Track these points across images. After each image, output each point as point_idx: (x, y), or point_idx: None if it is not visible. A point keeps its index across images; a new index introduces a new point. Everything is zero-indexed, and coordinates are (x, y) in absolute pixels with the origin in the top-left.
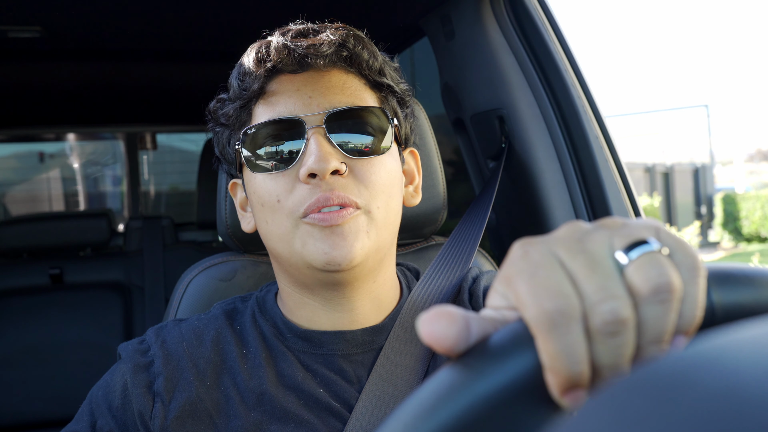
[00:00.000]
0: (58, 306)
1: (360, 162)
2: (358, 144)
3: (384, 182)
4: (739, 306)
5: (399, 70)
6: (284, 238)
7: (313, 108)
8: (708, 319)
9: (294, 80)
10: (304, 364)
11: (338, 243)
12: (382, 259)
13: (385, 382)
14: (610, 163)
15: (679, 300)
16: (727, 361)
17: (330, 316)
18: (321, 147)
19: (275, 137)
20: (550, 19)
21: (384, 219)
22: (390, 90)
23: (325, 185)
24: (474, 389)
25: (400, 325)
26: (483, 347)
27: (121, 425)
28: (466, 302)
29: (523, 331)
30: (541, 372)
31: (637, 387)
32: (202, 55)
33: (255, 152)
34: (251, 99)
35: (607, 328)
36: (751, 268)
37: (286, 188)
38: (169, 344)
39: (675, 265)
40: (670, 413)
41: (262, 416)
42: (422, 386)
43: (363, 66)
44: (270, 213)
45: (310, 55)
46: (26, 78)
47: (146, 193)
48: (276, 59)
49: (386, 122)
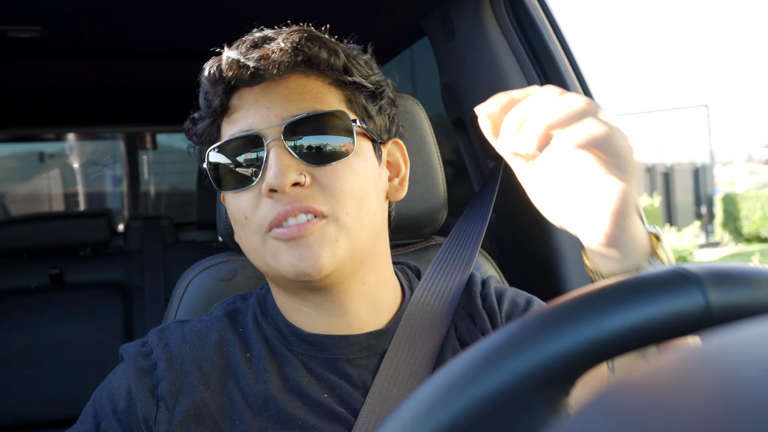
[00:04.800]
0: (58, 306)
1: (323, 170)
2: (319, 152)
3: (352, 186)
4: (736, 306)
5: (370, 62)
6: (257, 252)
7: (271, 119)
8: (706, 319)
9: (252, 92)
10: (309, 368)
11: (304, 254)
12: (362, 261)
13: (390, 386)
14: None
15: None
16: (727, 361)
17: (325, 320)
18: (280, 160)
19: (237, 154)
20: (550, 19)
21: (356, 223)
22: (357, 86)
23: (287, 198)
24: (472, 391)
25: (404, 328)
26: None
27: (126, 428)
28: (479, 306)
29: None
30: (541, 371)
31: (637, 387)
32: (202, 55)
33: (220, 171)
34: (217, 116)
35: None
36: (749, 267)
37: (251, 204)
38: (171, 347)
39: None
40: (670, 413)
41: (267, 421)
42: (422, 386)
43: (322, 66)
44: (241, 229)
45: (262, 66)
46: (26, 78)
47: (146, 193)
48: (229, 75)
49: (349, 123)
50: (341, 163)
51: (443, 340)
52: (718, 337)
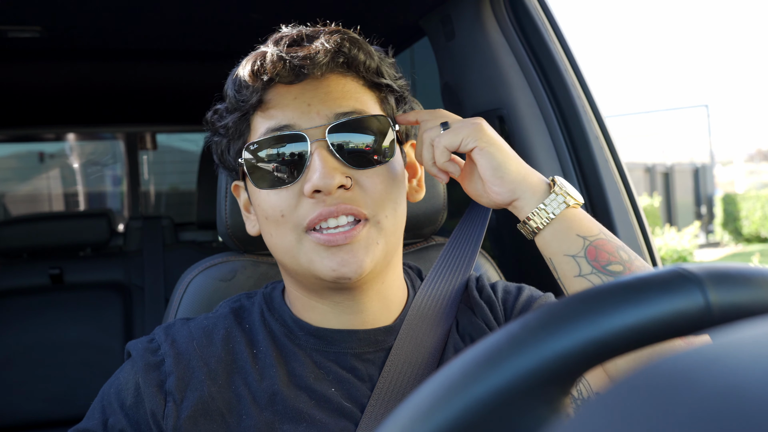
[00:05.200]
0: (58, 306)
1: (365, 173)
2: (363, 155)
3: (391, 190)
4: (736, 306)
5: (395, 65)
6: (289, 252)
7: (312, 116)
8: (706, 319)
9: (291, 90)
10: (316, 362)
11: (347, 259)
12: (389, 262)
13: (396, 381)
14: (610, 163)
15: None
16: (727, 361)
17: (340, 318)
18: (325, 162)
19: (277, 151)
20: (550, 19)
21: (392, 226)
22: (389, 89)
23: (331, 200)
24: (472, 391)
25: (407, 328)
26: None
27: (134, 424)
28: (477, 298)
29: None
30: (539, 373)
31: (637, 387)
32: (201, 55)
33: (257, 166)
34: (249, 110)
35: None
36: (749, 267)
37: (290, 203)
38: (179, 343)
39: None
40: (670, 413)
41: (274, 416)
42: (421, 386)
43: (360, 68)
44: (274, 227)
45: (307, 65)
46: (26, 78)
47: (146, 193)
48: (272, 72)
49: (388, 127)
50: (383, 167)
51: (446, 336)
52: (718, 337)
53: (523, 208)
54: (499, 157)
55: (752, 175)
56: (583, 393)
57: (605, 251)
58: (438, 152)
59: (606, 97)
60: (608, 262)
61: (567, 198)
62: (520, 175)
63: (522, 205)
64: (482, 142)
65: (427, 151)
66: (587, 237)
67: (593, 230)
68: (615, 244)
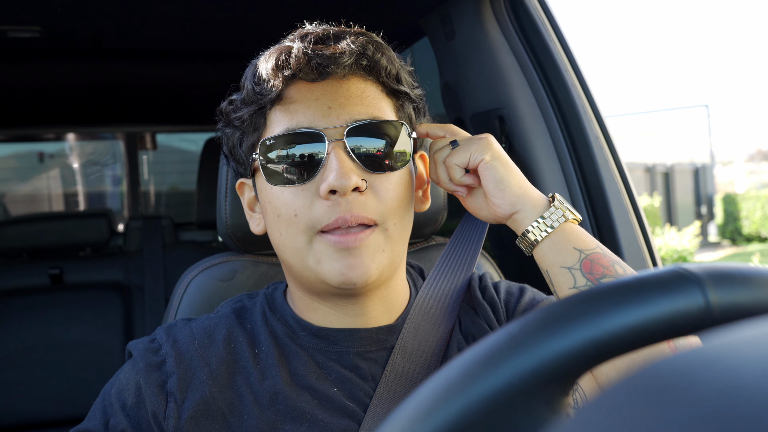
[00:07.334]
0: (58, 306)
1: (379, 178)
2: (378, 159)
3: (401, 197)
4: (736, 306)
5: (413, 74)
6: (298, 252)
7: (332, 119)
8: (706, 319)
9: (312, 89)
10: (318, 362)
11: (354, 264)
12: (395, 268)
13: (399, 380)
14: (610, 163)
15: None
16: (727, 361)
17: (341, 319)
18: (342, 163)
19: (294, 149)
20: (550, 19)
21: (399, 234)
22: (406, 97)
23: (345, 203)
24: (472, 391)
25: (410, 327)
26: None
27: (135, 424)
28: (480, 298)
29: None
30: (538, 373)
31: (637, 387)
32: (202, 55)
33: (273, 163)
34: (267, 104)
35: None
36: (749, 267)
37: (304, 203)
38: (180, 343)
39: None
40: (670, 413)
41: (276, 416)
42: (421, 386)
43: (381, 74)
44: (285, 226)
45: (331, 64)
46: (26, 78)
47: (146, 193)
48: (296, 67)
49: (405, 135)
50: (396, 174)
51: (449, 335)
52: (718, 337)
53: (522, 221)
54: (502, 170)
55: (752, 175)
56: (578, 401)
57: (600, 265)
58: (452, 171)
59: (606, 97)
60: (603, 275)
61: (566, 212)
62: (521, 189)
63: (522, 218)
64: (488, 156)
65: (442, 171)
66: (583, 250)
67: (590, 244)
68: (611, 258)
